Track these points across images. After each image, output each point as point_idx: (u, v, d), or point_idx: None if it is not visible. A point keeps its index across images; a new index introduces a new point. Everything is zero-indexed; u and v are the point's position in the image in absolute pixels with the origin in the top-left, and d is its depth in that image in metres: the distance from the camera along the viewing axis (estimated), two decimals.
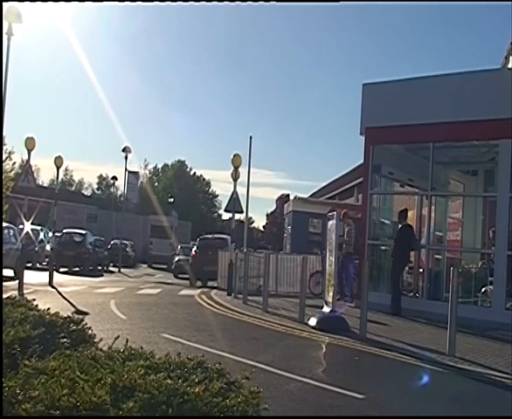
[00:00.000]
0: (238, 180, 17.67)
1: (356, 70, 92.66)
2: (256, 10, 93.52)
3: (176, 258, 28.66)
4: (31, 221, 18.82)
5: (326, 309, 10.31)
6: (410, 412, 5.44)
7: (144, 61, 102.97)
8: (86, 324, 4.62)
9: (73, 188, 78.67)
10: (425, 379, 6.87)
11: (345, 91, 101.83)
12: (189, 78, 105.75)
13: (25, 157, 21.18)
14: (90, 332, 4.55)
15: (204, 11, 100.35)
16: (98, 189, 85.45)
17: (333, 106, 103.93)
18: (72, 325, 4.50)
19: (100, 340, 4.38)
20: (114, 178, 44.71)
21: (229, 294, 15.21)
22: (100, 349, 3.82)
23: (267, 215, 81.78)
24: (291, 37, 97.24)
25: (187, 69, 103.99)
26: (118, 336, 4.00)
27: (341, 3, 72.31)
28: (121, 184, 44.18)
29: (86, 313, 9.30)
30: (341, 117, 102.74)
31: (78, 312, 9.39)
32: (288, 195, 68.04)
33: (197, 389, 2.93)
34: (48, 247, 25.50)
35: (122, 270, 29.72)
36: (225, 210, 19.64)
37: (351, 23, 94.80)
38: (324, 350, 8.30)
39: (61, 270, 22.96)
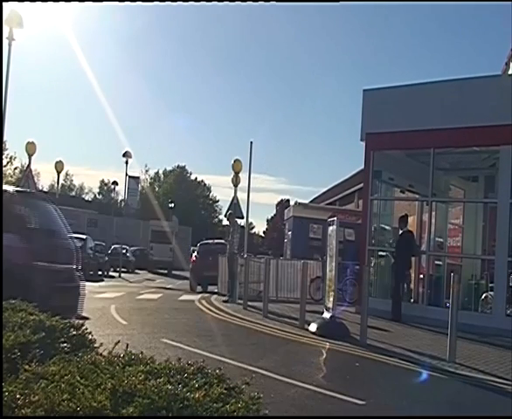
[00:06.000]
0: (239, 185, 17.69)
1: (356, 75, 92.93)
2: (258, 14, 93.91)
3: None
4: None
5: (326, 315, 10.29)
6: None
7: (145, 65, 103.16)
8: (86, 329, 4.61)
9: (74, 193, 78.75)
10: (424, 376, 6.93)
11: (346, 96, 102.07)
12: (190, 83, 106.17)
13: (25, 162, 21.26)
14: (90, 337, 4.54)
15: (204, 16, 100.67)
16: (99, 194, 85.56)
17: (333, 112, 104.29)
18: (72, 330, 4.49)
19: (101, 344, 4.37)
20: (115, 183, 44.73)
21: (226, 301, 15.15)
22: (101, 354, 3.82)
23: (268, 220, 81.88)
24: (292, 41, 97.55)
25: (188, 74, 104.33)
26: (118, 341, 3.99)
27: (341, 3, 72.51)
28: (121, 189, 44.25)
29: (87, 318, 9.30)
30: (341, 122, 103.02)
31: (78, 316, 9.38)
32: (288, 201, 68.28)
33: (197, 395, 2.93)
34: None
35: (123, 275, 29.72)
36: (226, 216, 19.65)
37: (353, 28, 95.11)
38: (325, 356, 8.28)
39: None
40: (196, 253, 23.34)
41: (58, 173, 24.47)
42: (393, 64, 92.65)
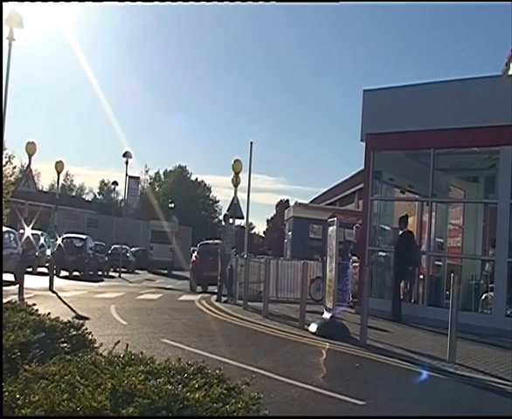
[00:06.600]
0: (239, 185, 17.68)
1: (356, 76, 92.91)
2: (257, 14, 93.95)
3: None
4: (31, 225, 18.84)
5: (326, 315, 10.29)
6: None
7: (145, 66, 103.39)
8: (86, 329, 4.61)
9: (74, 194, 78.76)
10: (424, 377, 6.94)
11: (346, 96, 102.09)
12: (190, 83, 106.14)
13: (25, 162, 21.27)
14: (90, 337, 4.55)
15: (204, 16, 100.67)
16: (99, 194, 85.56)
17: (334, 112, 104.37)
18: (72, 330, 4.49)
19: (101, 345, 4.37)
20: (115, 183, 44.71)
21: (226, 301, 15.14)
22: (101, 354, 3.82)
23: (268, 220, 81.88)
24: (293, 42, 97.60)
25: (189, 74, 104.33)
26: (118, 341, 3.99)
27: (341, 3, 72.52)
28: (121, 189, 44.29)
29: (87, 318, 9.30)
30: (341, 123, 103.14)
31: (78, 317, 9.38)
32: (288, 201, 68.28)
33: (197, 395, 2.93)
34: (49, 252, 25.47)
35: (123, 275, 29.72)
36: None
37: (353, 28, 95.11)
38: (324, 356, 8.28)
39: (61, 274, 22.96)
40: (196, 253, 23.33)
41: (59, 173, 24.49)
42: (393, 64, 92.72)
